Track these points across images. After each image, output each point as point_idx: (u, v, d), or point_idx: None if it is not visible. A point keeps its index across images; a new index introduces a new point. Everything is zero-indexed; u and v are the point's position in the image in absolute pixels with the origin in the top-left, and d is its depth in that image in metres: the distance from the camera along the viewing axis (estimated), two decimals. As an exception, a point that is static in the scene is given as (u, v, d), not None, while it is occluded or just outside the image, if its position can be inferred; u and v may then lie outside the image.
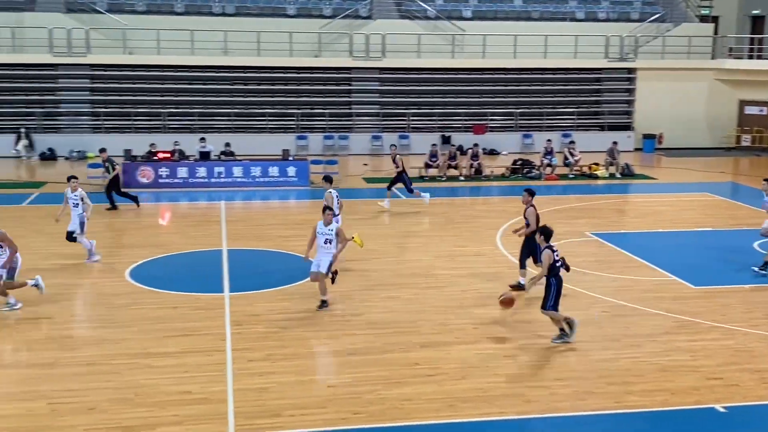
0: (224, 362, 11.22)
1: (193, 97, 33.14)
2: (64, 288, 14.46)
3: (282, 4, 36.05)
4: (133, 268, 15.83)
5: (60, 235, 18.34)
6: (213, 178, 25.26)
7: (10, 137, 30.76)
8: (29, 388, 10.23)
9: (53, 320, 12.82)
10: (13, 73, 31.75)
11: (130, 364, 11.08)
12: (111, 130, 32.11)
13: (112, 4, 34.13)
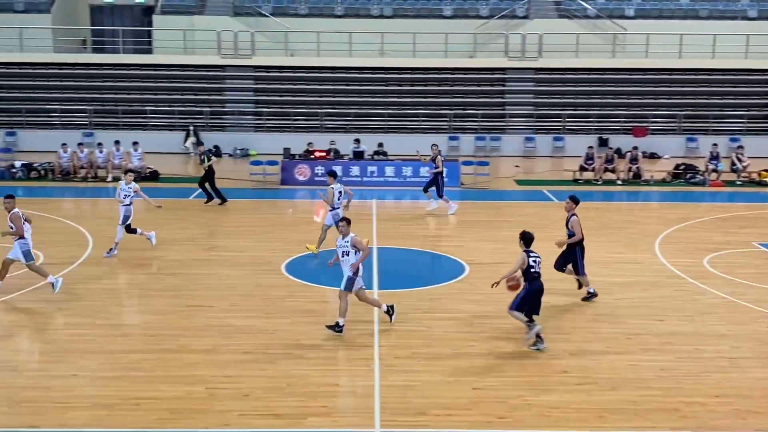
0: (372, 358, 11.39)
1: (349, 97, 33.91)
2: (223, 278, 15.16)
3: (438, 5, 36.23)
4: (289, 262, 16.37)
5: (224, 228, 19.30)
6: (366, 177, 25.74)
7: (180, 134, 32.63)
8: (190, 373, 10.80)
9: (213, 308, 13.47)
10: (183, 74, 33.65)
11: (283, 354, 11.46)
12: (271, 129, 33.40)
13: (276, 7, 35.51)
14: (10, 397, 9.97)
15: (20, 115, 32.87)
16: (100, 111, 33.15)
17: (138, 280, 15.06)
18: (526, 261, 11.67)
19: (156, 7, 36.16)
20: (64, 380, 10.48)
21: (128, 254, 16.75)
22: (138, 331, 12.35)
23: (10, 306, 13.37)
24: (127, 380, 10.51)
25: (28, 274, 14.81)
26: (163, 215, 20.85)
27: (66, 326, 12.51)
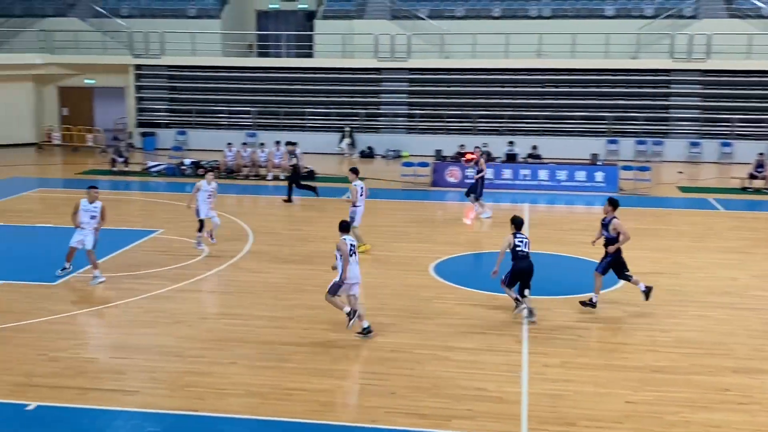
0: (519, 364, 11.22)
1: (503, 99, 33.60)
2: (373, 277, 15.39)
3: (600, 5, 35.23)
4: (437, 263, 16.42)
5: (375, 227, 19.59)
6: (518, 180, 25.41)
7: (335, 135, 33.50)
8: (339, 367, 11.04)
9: (363, 306, 13.68)
10: (341, 76, 34.49)
11: (430, 355, 11.50)
12: (424, 131, 33.64)
13: (433, 10, 35.72)
14: (173, 381, 10.56)
15: (190, 115, 34.81)
16: (263, 112, 34.57)
17: (293, 275, 15.55)
18: (513, 242, 12.90)
19: (318, 12, 37.29)
20: (223, 367, 10.98)
21: (281, 249, 17.34)
22: (292, 324, 12.75)
23: (176, 295, 14.17)
24: (280, 371, 10.88)
25: (193, 265, 15.69)
26: (315, 213, 21.49)
27: (226, 316, 13.10)
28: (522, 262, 12.89)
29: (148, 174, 27.46)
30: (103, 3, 37.57)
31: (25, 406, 9.77)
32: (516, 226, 13.14)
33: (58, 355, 11.35)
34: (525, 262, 12.89)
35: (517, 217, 13.26)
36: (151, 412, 9.68)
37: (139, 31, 34.69)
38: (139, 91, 35.37)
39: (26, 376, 10.59)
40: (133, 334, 12.29)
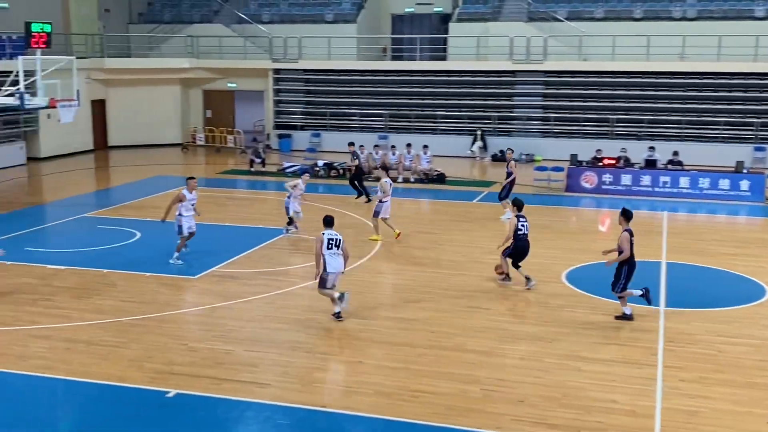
0: (654, 377, 10.81)
1: (643, 103, 32.48)
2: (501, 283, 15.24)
3: (749, 5, 33.47)
4: (570, 271, 16.06)
5: (501, 233, 19.40)
6: (657, 188, 24.49)
7: (467, 138, 33.38)
8: (466, 372, 10.99)
9: (491, 311, 13.59)
10: (475, 79, 34.33)
11: (560, 364, 11.26)
12: (559, 135, 32.99)
13: (571, 11, 35.00)
14: (303, 376, 10.83)
15: (324, 118, 35.61)
16: (395, 115, 34.90)
17: (421, 277, 15.61)
18: (516, 225, 14.45)
19: (453, 15, 37.29)
20: (351, 366, 11.16)
21: (410, 252, 17.43)
22: (420, 326, 12.80)
23: (307, 292, 14.51)
24: (407, 372, 10.94)
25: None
26: (446, 216, 21.49)
27: (354, 315, 13.30)
28: (521, 242, 14.60)
29: (284, 174, 28.25)
30: (245, 10, 39.01)
31: (165, 393, 10.28)
32: (519, 207, 14.80)
33: (196, 345, 11.87)
34: (523, 242, 14.64)
35: (519, 199, 15.09)
36: (282, 405, 9.96)
37: (279, 36, 35.78)
38: (277, 94, 36.50)
39: (167, 365, 11.14)
40: (267, 328, 12.69)
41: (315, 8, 38.68)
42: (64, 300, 14.05)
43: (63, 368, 11.01)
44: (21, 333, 12.35)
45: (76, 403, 10.33)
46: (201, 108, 37.81)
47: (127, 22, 39.95)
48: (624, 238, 12.95)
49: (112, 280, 15.24)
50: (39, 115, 30.59)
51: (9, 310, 13.42)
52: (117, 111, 35.63)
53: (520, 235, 14.52)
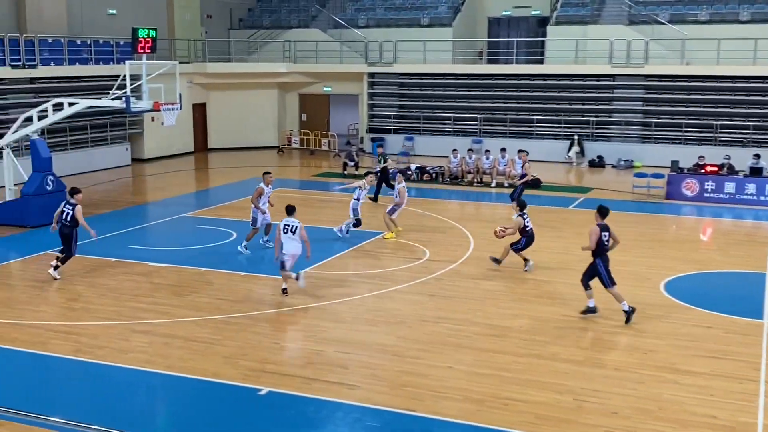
0: (756, 393, 10.34)
1: (748, 109, 31.20)
2: (598, 291, 14.87)
3: None
4: (669, 280, 15.56)
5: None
6: (762, 197, 23.47)
7: (564, 143, 32.81)
8: (558, 381, 10.77)
9: (586, 320, 13.29)
10: (573, 83, 33.72)
11: (656, 376, 10.91)
12: (659, 141, 32.05)
13: (673, 14, 33.97)
14: (392, 379, 10.84)
15: (418, 121, 35.65)
16: (490, 119, 34.63)
17: (513, 284, 15.41)
18: (523, 222, 15.98)
19: (551, 18, 36.75)
20: (440, 371, 11.10)
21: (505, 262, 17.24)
22: (512, 333, 12.63)
23: (398, 296, 14.54)
24: (497, 379, 10.81)
25: (415, 267, 16.06)
26: (539, 223, 21.12)
27: (445, 320, 13.24)
28: (530, 236, 16.12)
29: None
30: (342, 14, 39.47)
31: (257, 390, 10.47)
32: (522, 207, 16.14)
33: (288, 345, 12.06)
34: (532, 236, 16.15)
35: (523, 200, 16.53)
36: (371, 407, 9.99)
37: (375, 40, 36.05)
38: (371, 98, 36.76)
39: (260, 363, 11.35)
40: (357, 330, 12.77)
41: (411, 12, 38.80)
42: (163, 296, 14.51)
43: (161, 363, 11.35)
44: (123, 327, 12.82)
45: (172, 397, 10.64)
46: (297, 111, 38.46)
47: (228, 27, 41.04)
48: (591, 231, 13.32)
49: (208, 278, 15.64)
50: (143, 117, 31.75)
51: (112, 305, 13.95)
52: (217, 114, 36.63)
53: (529, 231, 16.08)
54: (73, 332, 12.54)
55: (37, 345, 12.00)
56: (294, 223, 14.35)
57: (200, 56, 36.33)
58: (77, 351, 11.75)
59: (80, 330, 12.65)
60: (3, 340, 12.17)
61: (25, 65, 27.00)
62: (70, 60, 29.04)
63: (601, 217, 13.53)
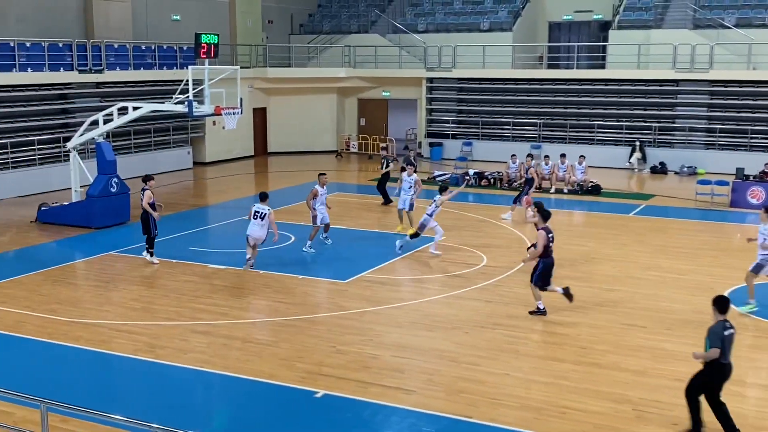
0: (828, 410, 9.98)
1: (820, 114, 30.27)
2: (659, 300, 14.59)
3: None
4: (733, 290, 15.12)
5: (664, 247, 18.60)
6: (835, 205, 22.68)
7: (625, 149, 32.27)
8: (618, 391, 10.57)
9: (647, 329, 13.03)
10: (635, 88, 33.15)
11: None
12: (724, 147, 31.29)
13: (740, 18, 33.14)
14: (449, 385, 10.78)
15: (477, 126, 35.47)
16: (549, 124, 34.26)
17: (574, 292, 15.17)
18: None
19: (613, 22, 36.21)
20: (498, 378, 11.00)
21: (560, 264, 17.00)
22: (570, 341, 12.45)
23: (454, 301, 14.46)
24: (555, 387, 10.66)
25: (472, 273, 15.96)
26: (601, 229, 20.82)
27: (501, 326, 13.12)
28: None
29: (434, 183, 28.37)
30: (401, 19, 39.55)
31: (314, 393, 10.52)
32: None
33: (345, 348, 12.08)
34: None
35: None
36: (427, 413, 9.95)
37: (434, 45, 36.02)
38: (429, 102, 36.72)
39: (316, 365, 11.40)
40: (414, 335, 12.74)
41: (471, 17, 38.66)
42: (222, 298, 14.70)
43: (220, 363, 11.50)
44: (183, 328, 13.02)
45: (230, 398, 10.76)
46: (355, 116, 38.65)
47: (289, 32, 41.48)
48: (539, 235, 13.62)
49: (266, 281, 15.80)
50: (205, 121, 32.30)
51: (173, 305, 14.19)
52: (277, 118, 37.04)
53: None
54: (134, 331, 12.79)
55: (100, 343, 12.28)
56: (264, 210, 15.85)
57: (261, 61, 36.80)
58: (138, 350, 11.98)
59: (141, 329, 12.90)
60: (68, 338, 12.48)
61: (91, 70, 27.72)
62: (135, 65, 29.73)
63: (544, 220, 13.84)
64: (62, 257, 17.81)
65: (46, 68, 26.28)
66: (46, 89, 26.85)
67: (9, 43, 25.22)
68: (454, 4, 40.29)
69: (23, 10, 27.65)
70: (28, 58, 25.78)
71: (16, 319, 13.33)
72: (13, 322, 13.21)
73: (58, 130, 27.00)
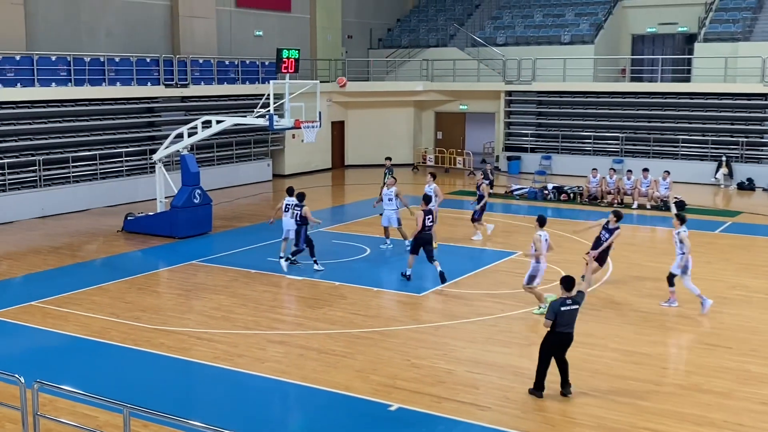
0: None
1: None
2: (745, 320, 14.09)
3: None
4: (826, 312, 14.53)
5: (751, 266, 18.00)
6: None
7: (711, 165, 31.35)
8: (700, 413, 10.24)
9: (731, 350, 12.59)
10: (721, 102, 32.22)
11: (810, 414, 10.18)
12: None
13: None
14: (525, 402, 10.63)
15: (556, 140, 35.03)
16: (632, 138, 33.57)
17: (653, 311, 14.80)
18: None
19: (699, 35, 35.32)
20: (574, 396, 10.79)
21: (642, 282, 16.60)
22: (650, 360, 12.13)
23: (531, 317, 14.27)
24: (634, 408, 10.40)
25: (549, 289, 15.74)
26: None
27: (580, 344, 12.83)
28: None
29: (511, 197, 28.14)
30: (480, 33, 39.46)
31: (388, 406, 10.52)
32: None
33: (419, 362, 12.06)
34: None
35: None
36: (502, 430, 9.83)
37: (513, 58, 35.79)
38: (508, 116, 36.47)
39: (391, 378, 11.41)
40: (489, 351, 12.62)
41: (551, 30, 38.28)
42: (299, 309, 14.88)
43: (296, 373, 11.62)
44: (260, 337, 13.23)
45: (305, 409, 10.86)
46: (432, 129, 38.67)
47: (368, 47, 41.87)
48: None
49: (342, 292, 15.92)
50: (284, 135, 32.83)
51: (251, 314, 14.44)
52: (354, 132, 37.38)
53: None
54: (214, 339, 13.06)
55: (181, 350, 12.57)
56: (293, 202, 17.62)
57: (340, 75, 37.22)
58: (217, 358, 12.22)
59: (221, 338, 13.15)
60: (151, 345, 12.82)
61: (177, 84, 28.54)
62: (219, 79, 30.48)
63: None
64: (146, 266, 18.33)
65: (133, 83, 27.20)
66: (133, 103, 27.77)
67: (99, 58, 26.20)
68: (534, 17, 39.98)
69: (112, 26, 28.69)
70: (117, 73, 26.72)
71: (102, 326, 13.77)
72: (99, 328, 13.65)
73: (145, 143, 27.87)
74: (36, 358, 12.46)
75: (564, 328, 10.64)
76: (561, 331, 10.64)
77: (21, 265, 18.14)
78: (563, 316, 10.57)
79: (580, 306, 10.69)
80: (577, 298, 10.70)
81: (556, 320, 10.53)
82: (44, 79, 24.46)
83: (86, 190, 25.48)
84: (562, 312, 10.55)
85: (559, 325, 10.58)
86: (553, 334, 10.66)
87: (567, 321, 10.65)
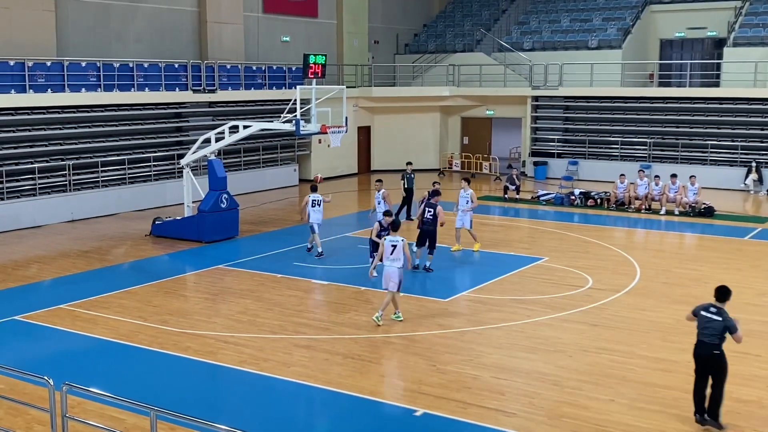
0: None
1: None
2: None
3: None
4: None
5: (780, 273, 17.73)
6: None
7: (740, 170, 30.99)
8: (729, 421, 10.06)
9: (761, 358, 12.43)
10: (751, 107, 31.83)
11: (843, 424, 10.01)
12: None
13: None
14: (551, 409, 10.55)
15: (583, 146, 34.81)
16: (659, 144, 33.28)
17: (681, 317, 14.59)
18: None
19: (728, 39, 34.96)
20: (602, 403, 10.70)
21: (672, 289, 16.44)
22: (679, 368, 11.98)
23: (558, 323, 14.18)
24: (662, 416, 10.29)
25: (577, 295, 15.63)
26: (714, 253, 20.02)
27: (607, 351, 12.77)
28: None
29: (538, 202, 28.00)
30: (507, 38, 39.35)
31: (413, 411, 10.50)
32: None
33: (445, 367, 12.02)
34: None
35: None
36: (527, 436, 9.77)
37: (540, 63, 35.64)
38: (534, 121, 36.31)
39: (416, 384, 11.39)
40: (515, 357, 12.56)
41: (579, 35, 38.08)
42: (325, 313, 14.91)
43: (321, 378, 11.64)
44: (286, 341, 13.27)
45: (331, 413, 10.86)
46: (458, 135, 38.60)
47: (394, 52, 41.91)
48: None
49: (367, 297, 15.92)
50: (311, 140, 32.95)
51: (277, 318, 14.48)
52: (380, 137, 37.41)
53: None
54: (240, 343, 13.12)
55: (207, 354, 12.64)
56: (319, 197, 19.05)
57: (366, 81, 37.29)
58: (243, 362, 12.27)
59: (247, 342, 13.21)
60: (178, 348, 12.91)
61: (205, 90, 28.76)
62: (246, 85, 30.67)
63: None
64: (174, 270, 18.47)
65: (162, 88, 27.44)
66: (161, 108, 28.01)
67: (128, 63, 26.48)
68: (561, 21, 39.79)
69: (141, 32, 28.99)
70: (146, 78, 26.98)
71: (130, 329, 13.89)
72: (127, 331, 13.77)
73: (173, 148, 28.11)
74: (65, 361, 12.59)
75: (703, 336, 10.02)
76: (699, 340, 10.05)
77: (51, 269, 18.36)
78: (701, 320, 10.07)
79: (723, 321, 9.87)
80: (724, 313, 9.97)
81: (697, 322, 10.12)
82: (74, 84, 24.76)
83: (115, 195, 25.75)
84: (702, 316, 10.07)
85: (698, 329, 10.10)
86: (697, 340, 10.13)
87: (703, 326, 10.03)
